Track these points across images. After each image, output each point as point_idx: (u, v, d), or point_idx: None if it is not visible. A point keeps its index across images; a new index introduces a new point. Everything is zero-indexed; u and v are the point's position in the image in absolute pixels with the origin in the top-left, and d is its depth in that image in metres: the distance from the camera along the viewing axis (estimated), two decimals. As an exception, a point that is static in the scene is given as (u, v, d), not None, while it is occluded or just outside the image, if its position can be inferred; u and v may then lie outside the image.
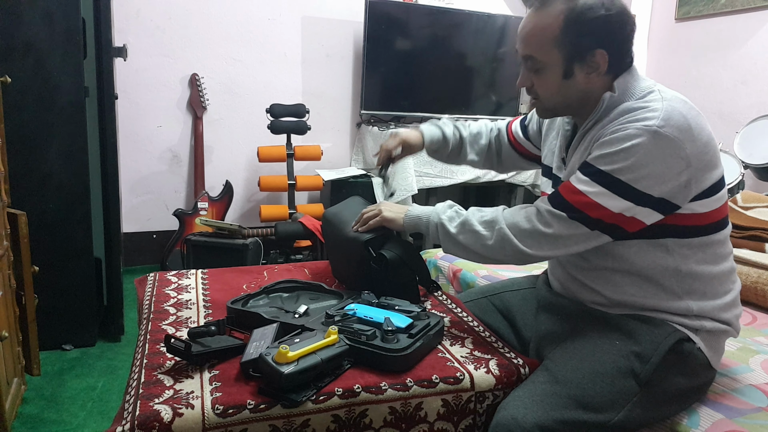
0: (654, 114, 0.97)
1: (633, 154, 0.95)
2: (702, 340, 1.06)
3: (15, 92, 1.84)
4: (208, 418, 0.87)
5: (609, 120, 1.03)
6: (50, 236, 1.99)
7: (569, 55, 1.03)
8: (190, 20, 3.00)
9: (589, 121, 1.07)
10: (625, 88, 1.05)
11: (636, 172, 0.96)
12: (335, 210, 1.42)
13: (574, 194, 1.00)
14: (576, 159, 1.10)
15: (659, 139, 0.95)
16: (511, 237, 1.05)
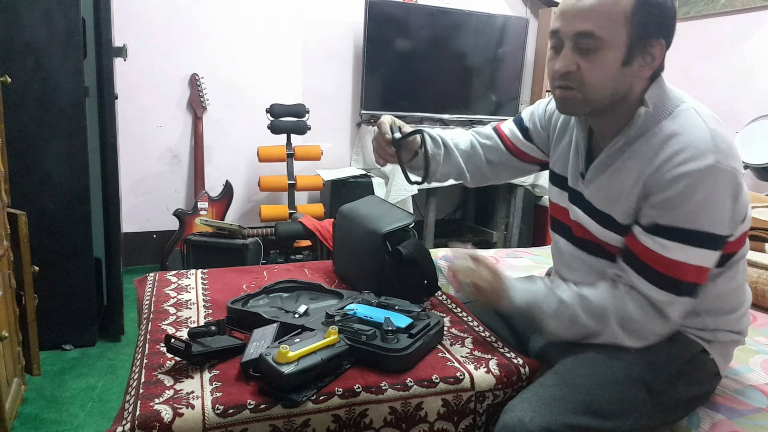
0: (705, 145, 0.91)
1: (711, 201, 0.91)
2: (715, 350, 1.06)
3: (15, 92, 1.84)
4: (209, 418, 0.87)
5: (645, 141, 0.97)
6: (50, 236, 1.99)
7: (636, 37, 0.93)
8: (190, 20, 3.00)
9: (620, 138, 1.00)
10: (658, 102, 0.98)
11: (722, 219, 0.93)
12: (352, 206, 1.45)
13: (675, 267, 0.94)
14: (604, 181, 1.04)
15: (723, 176, 0.91)
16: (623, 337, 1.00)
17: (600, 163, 1.04)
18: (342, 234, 1.45)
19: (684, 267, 0.94)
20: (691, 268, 0.94)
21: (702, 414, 1.06)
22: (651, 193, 0.95)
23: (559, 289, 1.05)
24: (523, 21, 3.48)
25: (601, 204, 1.05)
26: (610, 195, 1.03)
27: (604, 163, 1.04)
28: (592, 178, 1.07)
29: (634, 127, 0.98)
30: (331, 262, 1.56)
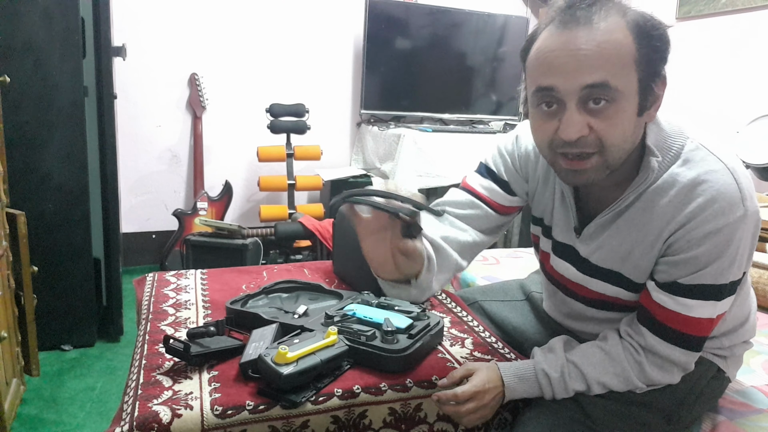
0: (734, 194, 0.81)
1: (739, 251, 0.84)
2: (730, 365, 1.05)
3: (14, 92, 1.84)
4: (207, 419, 0.87)
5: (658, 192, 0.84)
6: (49, 236, 1.99)
7: (645, 78, 0.79)
8: (189, 20, 3.00)
9: (630, 193, 0.87)
10: (662, 145, 0.85)
11: (743, 262, 0.88)
12: None
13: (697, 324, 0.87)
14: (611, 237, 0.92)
15: (750, 222, 0.83)
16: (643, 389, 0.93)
17: (604, 221, 0.92)
18: (342, 234, 1.45)
19: (707, 323, 0.88)
20: (715, 320, 0.89)
21: (703, 416, 1.06)
22: (672, 252, 0.86)
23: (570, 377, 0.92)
24: (523, 20, 3.48)
25: (607, 262, 0.95)
26: (617, 252, 0.92)
27: (610, 218, 0.92)
28: (592, 235, 0.95)
29: (646, 180, 0.85)
30: (330, 263, 1.56)
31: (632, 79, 0.78)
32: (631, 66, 0.78)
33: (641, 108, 0.80)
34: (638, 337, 0.92)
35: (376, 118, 3.33)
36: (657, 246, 0.88)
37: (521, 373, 0.94)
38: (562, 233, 1.00)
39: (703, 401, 1.02)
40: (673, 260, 0.86)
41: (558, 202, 1.00)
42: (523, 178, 1.07)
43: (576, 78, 0.77)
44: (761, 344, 1.32)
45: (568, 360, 0.93)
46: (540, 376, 0.93)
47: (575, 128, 0.78)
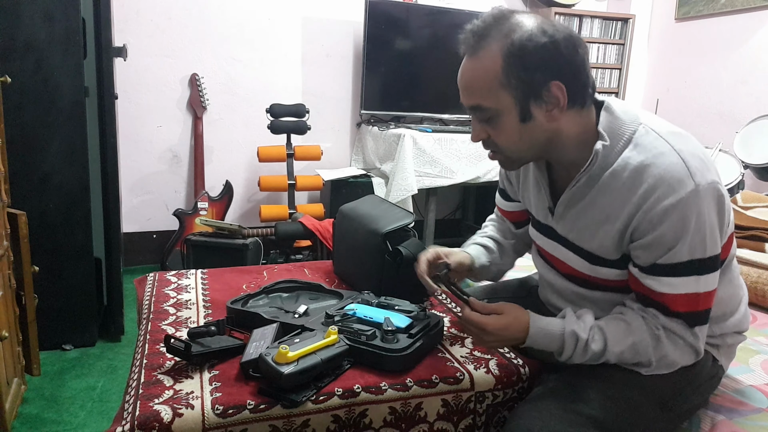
0: (679, 172, 0.88)
1: (701, 226, 0.89)
2: (722, 355, 1.06)
3: (15, 92, 1.84)
4: (208, 419, 0.87)
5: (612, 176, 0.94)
6: (50, 236, 1.99)
7: (521, 94, 0.92)
8: (190, 20, 3.00)
9: (582, 175, 0.97)
10: (612, 131, 0.94)
11: (715, 239, 0.92)
12: (352, 205, 1.46)
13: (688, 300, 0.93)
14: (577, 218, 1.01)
15: (705, 196, 0.89)
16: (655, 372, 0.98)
17: (567, 200, 1.02)
18: (342, 234, 1.45)
19: (695, 297, 0.93)
20: (702, 295, 0.93)
21: (702, 415, 1.06)
22: (640, 235, 0.93)
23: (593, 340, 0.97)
24: (523, 21, 3.48)
25: (578, 240, 1.03)
26: (585, 232, 1.01)
27: (572, 199, 1.01)
28: (561, 214, 1.05)
29: (594, 162, 0.95)
30: (331, 262, 1.56)
31: (504, 97, 0.93)
32: (498, 88, 0.93)
33: (524, 117, 0.94)
34: (653, 316, 0.97)
35: (376, 119, 3.34)
36: (617, 227, 0.95)
37: (550, 329, 0.98)
38: (542, 215, 1.11)
39: (698, 392, 1.03)
40: (643, 243, 0.93)
41: (535, 189, 1.12)
42: (512, 183, 1.23)
43: (464, 99, 1.00)
44: (761, 344, 1.32)
45: (595, 324, 0.98)
46: (568, 335, 0.97)
47: (474, 134, 1.00)
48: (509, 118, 0.94)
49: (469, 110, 0.98)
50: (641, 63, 3.71)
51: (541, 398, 0.96)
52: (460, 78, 0.99)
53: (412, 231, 1.35)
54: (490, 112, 0.95)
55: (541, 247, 1.16)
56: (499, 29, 0.93)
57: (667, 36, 3.57)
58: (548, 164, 1.07)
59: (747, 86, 3.11)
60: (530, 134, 0.95)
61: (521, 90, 0.92)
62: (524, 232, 1.28)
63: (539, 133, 0.95)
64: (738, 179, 2.69)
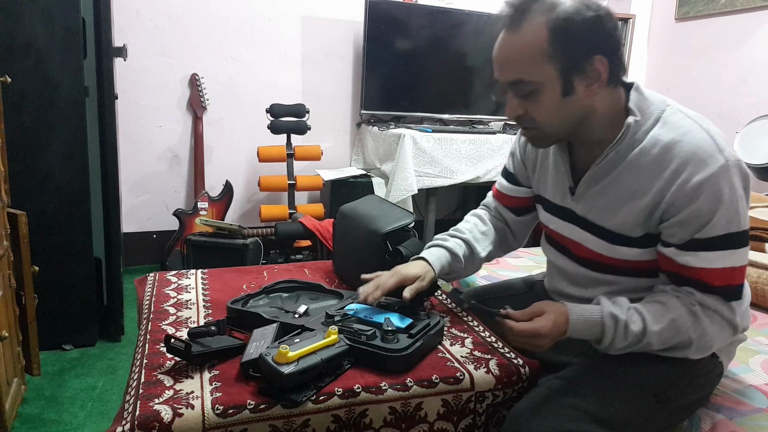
0: (709, 147, 0.91)
1: (733, 200, 0.91)
2: (723, 352, 1.06)
3: (15, 92, 1.84)
4: (208, 419, 0.87)
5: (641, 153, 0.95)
6: (50, 236, 1.99)
7: (565, 67, 0.92)
8: (190, 20, 3.00)
9: (610, 150, 0.98)
10: (642, 109, 0.97)
11: (745, 212, 0.93)
12: (352, 205, 1.45)
13: (724, 275, 0.94)
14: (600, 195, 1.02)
15: (735, 172, 0.91)
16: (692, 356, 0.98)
17: (590, 178, 1.03)
18: (342, 234, 1.45)
19: (732, 272, 0.94)
20: (738, 270, 0.95)
21: (702, 414, 1.06)
22: (675, 212, 0.93)
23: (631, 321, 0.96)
24: (523, 21, 3.48)
25: (599, 219, 1.04)
26: (607, 209, 1.01)
27: (595, 177, 1.02)
28: (583, 193, 1.05)
29: (624, 138, 0.97)
30: (331, 262, 1.56)
31: (547, 70, 0.92)
32: (543, 61, 0.92)
33: (566, 90, 0.94)
34: (687, 294, 0.97)
35: (376, 119, 3.34)
36: (645, 202, 0.96)
37: (588, 314, 0.98)
38: (560, 197, 1.11)
39: (695, 387, 1.03)
40: (679, 219, 0.93)
41: (554, 170, 1.12)
42: (526, 167, 1.22)
43: (502, 75, 0.97)
44: (761, 344, 1.32)
45: (631, 306, 0.98)
46: (607, 317, 0.96)
47: (511, 110, 0.99)
48: (551, 92, 0.94)
49: (508, 85, 0.97)
50: (641, 63, 3.71)
51: (538, 395, 0.98)
52: (498, 53, 0.96)
53: (413, 231, 1.35)
54: (532, 86, 0.94)
55: (555, 231, 1.16)
56: (541, 3, 0.92)
57: (667, 36, 3.57)
58: (569, 146, 1.09)
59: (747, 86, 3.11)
60: (569, 109, 0.96)
61: (566, 63, 0.92)
62: (524, 221, 1.29)
63: (577, 108, 0.96)
64: (738, 179, 2.68)
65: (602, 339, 0.97)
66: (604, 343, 0.97)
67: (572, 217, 1.09)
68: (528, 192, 1.25)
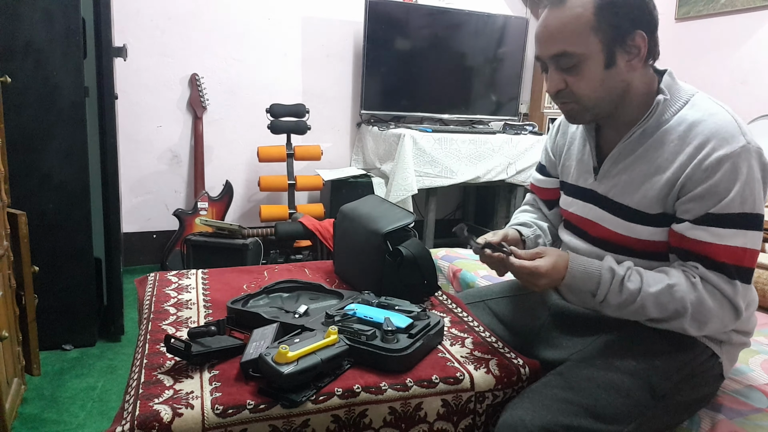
0: (733, 129, 0.94)
1: (750, 182, 0.93)
2: (725, 354, 1.06)
3: (15, 92, 1.84)
4: (208, 418, 0.87)
5: (667, 131, 0.98)
6: (50, 236, 1.99)
7: (610, 39, 0.96)
8: (190, 20, 3.00)
9: (638, 128, 1.02)
10: (673, 91, 1.01)
11: (761, 198, 0.94)
12: (352, 205, 1.45)
13: (734, 254, 0.94)
14: (623, 172, 1.04)
15: (755, 156, 0.93)
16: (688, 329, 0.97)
17: (616, 155, 1.06)
18: (342, 234, 1.45)
19: (742, 252, 0.94)
20: (748, 252, 0.95)
21: (702, 414, 1.06)
22: (693, 186, 0.95)
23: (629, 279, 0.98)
24: (523, 21, 3.48)
25: (620, 196, 1.05)
26: (629, 186, 1.04)
27: (621, 154, 1.05)
28: (606, 172, 1.08)
29: (652, 116, 1.00)
30: (331, 262, 1.56)
31: (593, 42, 0.96)
32: (589, 33, 0.96)
33: (609, 63, 0.97)
34: (692, 267, 0.98)
35: (376, 119, 3.34)
36: (667, 176, 0.98)
37: (587, 265, 1.00)
38: (583, 179, 1.14)
39: (692, 385, 1.02)
40: (696, 194, 0.95)
41: (580, 154, 1.16)
42: (554, 156, 1.26)
43: (547, 49, 1.00)
44: (761, 344, 1.32)
45: (633, 267, 1.00)
46: (605, 270, 0.99)
47: (552, 84, 1.02)
48: (594, 64, 0.97)
49: (551, 59, 1.00)
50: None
51: (533, 390, 0.99)
52: (543, 29, 1.00)
53: (413, 231, 1.35)
54: (576, 58, 0.97)
55: (574, 214, 1.18)
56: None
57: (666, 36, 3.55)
58: (596, 130, 1.12)
59: (747, 86, 3.11)
60: (610, 82, 0.99)
61: (610, 35, 0.96)
62: (555, 213, 1.32)
63: (617, 83, 0.99)
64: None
65: (597, 291, 0.98)
66: (598, 296, 0.98)
67: (593, 198, 1.11)
68: (556, 183, 1.29)
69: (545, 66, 1.03)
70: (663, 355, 1.01)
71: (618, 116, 1.04)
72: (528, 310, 1.25)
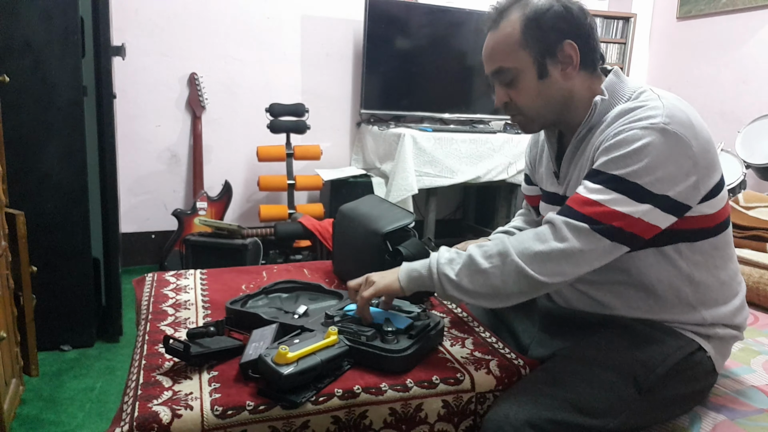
0: (656, 111, 0.93)
1: (646, 154, 0.90)
2: (713, 348, 1.05)
3: (13, 92, 1.83)
4: (207, 420, 0.86)
5: (606, 125, 0.99)
6: (48, 236, 1.98)
7: (538, 52, 1.02)
8: (188, 19, 3.00)
9: (583, 128, 1.04)
10: (614, 90, 1.02)
11: (651, 173, 0.90)
12: (351, 205, 1.45)
13: (589, 205, 0.92)
14: (574, 170, 1.07)
15: (668, 137, 0.90)
16: (524, 267, 0.94)
17: (568, 156, 1.09)
18: (342, 234, 1.45)
19: (604, 208, 0.91)
20: (612, 212, 0.91)
21: (703, 415, 1.05)
22: (597, 150, 0.97)
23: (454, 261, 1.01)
24: (523, 20, 3.47)
25: (571, 192, 1.05)
26: (577, 181, 1.05)
27: (570, 154, 1.09)
28: (564, 174, 1.11)
29: (593, 114, 1.02)
30: (330, 263, 1.55)
31: (522, 56, 1.02)
32: (518, 49, 1.02)
33: (541, 74, 1.03)
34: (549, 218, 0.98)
35: (376, 118, 3.33)
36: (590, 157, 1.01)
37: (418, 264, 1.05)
38: (551, 183, 1.17)
39: (681, 379, 1.02)
40: (593, 159, 0.99)
41: (546, 160, 1.19)
42: (532, 165, 1.29)
43: (487, 67, 1.08)
44: (762, 344, 1.32)
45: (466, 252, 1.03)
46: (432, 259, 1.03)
47: (498, 98, 1.09)
48: (528, 76, 1.03)
49: (492, 76, 1.08)
50: (642, 62, 3.71)
51: (519, 385, 1.00)
52: (484, 51, 1.08)
53: (413, 231, 1.34)
54: (511, 73, 1.04)
55: None
56: (519, 3, 1.03)
57: (668, 35, 3.57)
58: (559, 135, 1.15)
59: (749, 85, 3.11)
60: (547, 92, 1.04)
61: (538, 49, 1.01)
62: None
63: (555, 91, 1.04)
64: (740, 179, 2.68)
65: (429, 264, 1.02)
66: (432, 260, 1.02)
67: (559, 200, 1.12)
68: (538, 190, 1.29)
69: (491, 82, 1.10)
70: (645, 347, 1.01)
71: (568, 121, 1.08)
72: (526, 313, 1.25)
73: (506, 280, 0.96)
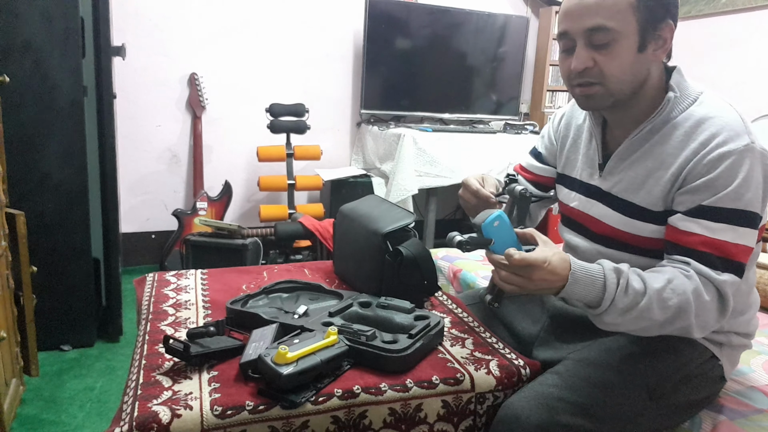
0: (738, 126, 0.93)
1: (750, 179, 0.92)
2: (725, 355, 1.05)
3: (13, 92, 1.84)
4: (207, 420, 0.86)
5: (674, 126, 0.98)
6: (49, 236, 1.98)
7: (645, 22, 0.94)
8: (189, 19, 3.00)
9: (646, 124, 1.01)
10: (682, 89, 1.00)
11: (757, 197, 0.93)
12: (352, 205, 1.45)
13: (724, 247, 0.92)
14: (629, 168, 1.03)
15: (758, 156, 0.93)
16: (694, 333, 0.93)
17: (622, 152, 1.05)
18: (342, 234, 1.45)
19: (732, 247, 0.93)
20: (740, 247, 0.93)
21: (704, 415, 1.06)
22: (692, 179, 0.94)
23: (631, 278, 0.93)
24: (523, 20, 3.48)
25: (624, 193, 1.05)
26: (634, 182, 1.03)
27: (628, 150, 1.04)
28: (612, 169, 1.07)
29: (662, 112, 0.99)
30: (331, 263, 1.55)
31: (630, 21, 0.93)
32: (629, 11, 0.93)
33: (641, 46, 0.95)
34: (682, 262, 0.95)
35: (376, 118, 3.33)
36: (671, 171, 0.97)
37: (588, 270, 0.92)
38: (588, 173, 1.13)
39: (691, 386, 1.02)
40: (693, 187, 0.95)
41: (585, 148, 1.15)
42: (556, 146, 1.25)
43: (581, 22, 0.95)
44: (761, 344, 1.32)
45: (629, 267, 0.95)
46: (609, 270, 0.92)
47: (581, 60, 0.96)
48: (628, 44, 0.95)
49: (584, 33, 0.95)
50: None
51: (530, 389, 0.98)
52: (579, 1, 0.95)
53: (413, 231, 1.35)
54: (611, 35, 0.94)
55: (575, 209, 1.16)
56: None
57: (667, 35, 3.56)
58: (603, 124, 1.11)
59: (748, 86, 3.11)
60: (639, 68, 0.97)
61: (647, 18, 0.94)
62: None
63: (643, 70, 0.98)
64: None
65: (604, 295, 0.90)
66: (605, 302, 0.90)
67: (597, 194, 1.10)
68: (551, 172, 1.28)
69: (571, 43, 0.98)
70: (661, 356, 1.00)
71: (629, 109, 1.02)
72: (528, 312, 1.25)
73: (663, 328, 0.93)
